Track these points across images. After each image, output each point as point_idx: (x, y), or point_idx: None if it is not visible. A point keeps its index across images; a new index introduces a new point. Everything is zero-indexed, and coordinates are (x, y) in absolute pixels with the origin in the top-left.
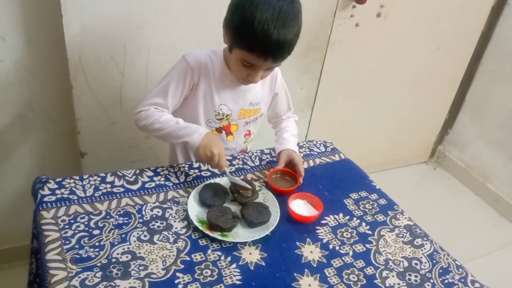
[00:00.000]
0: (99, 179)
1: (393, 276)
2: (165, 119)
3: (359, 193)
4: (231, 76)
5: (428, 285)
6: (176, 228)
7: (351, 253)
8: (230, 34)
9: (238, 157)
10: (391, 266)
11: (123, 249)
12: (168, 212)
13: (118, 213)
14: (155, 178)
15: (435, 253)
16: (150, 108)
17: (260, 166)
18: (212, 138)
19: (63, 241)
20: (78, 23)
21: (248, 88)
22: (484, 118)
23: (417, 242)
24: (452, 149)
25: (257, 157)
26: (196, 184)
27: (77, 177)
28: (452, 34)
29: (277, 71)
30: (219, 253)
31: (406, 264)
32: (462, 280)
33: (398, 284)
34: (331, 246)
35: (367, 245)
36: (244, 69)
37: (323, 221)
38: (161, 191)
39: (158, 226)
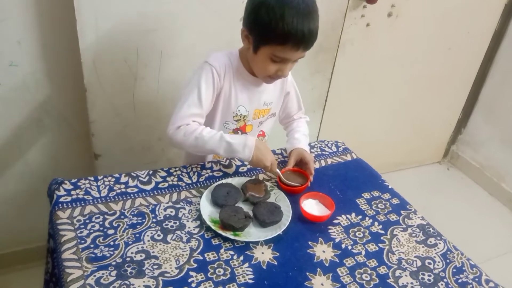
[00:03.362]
0: (113, 179)
1: (406, 275)
2: (208, 132)
3: (372, 192)
4: (248, 76)
5: (441, 284)
6: (189, 227)
7: (363, 252)
8: (256, 34)
9: None
10: (404, 265)
11: (137, 248)
12: (181, 212)
13: (132, 213)
14: (168, 179)
15: (448, 252)
16: (189, 121)
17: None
18: (262, 150)
19: (79, 240)
20: (92, 27)
21: (263, 89)
22: (498, 118)
23: (430, 242)
24: (466, 149)
25: None
26: (209, 184)
27: (92, 178)
28: (464, 33)
29: None
30: (232, 252)
31: (419, 263)
32: (476, 279)
33: (412, 283)
34: (343, 246)
35: (380, 245)
36: (274, 65)
37: (335, 221)
38: (174, 191)
39: (172, 226)
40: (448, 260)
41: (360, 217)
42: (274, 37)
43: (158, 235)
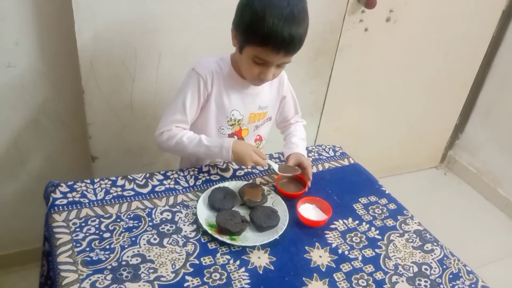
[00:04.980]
0: (110, 182)
1: (402, 281)
2: (188, 138)
3: (369, 197)
4: (240, 80)
5: None
6: (185, 231)
7: (360, 257)
8: (240, 33)
9: None
10: (400, 271)
11: (133, 252)
12: (177, 215)
13: (129, 216)
14: (165, 182)
15: (445, 258)
16: (171, 127)
17: (269, 170)
18: (238, 153)
19: (74, 243)
20: (90, 28)
21: (257, 92)
22: (496, 123)
23: (427, 247)
24: (463, 154)
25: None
26: (206, 187)
27: (88, 181)
28: (462, 38)
29: (283, 74)
30: (228, 256)
31: (416, 269)
32: (473, 285)
33: None
34: (340, 251)
35: (377, 250)
36: (256, 67)
37: (332, 226)
38: (171, 194)
39: (168, 230)
40: (444, 266)
41: (357, 222)
42: (255, 38)
43: (154, 239)
